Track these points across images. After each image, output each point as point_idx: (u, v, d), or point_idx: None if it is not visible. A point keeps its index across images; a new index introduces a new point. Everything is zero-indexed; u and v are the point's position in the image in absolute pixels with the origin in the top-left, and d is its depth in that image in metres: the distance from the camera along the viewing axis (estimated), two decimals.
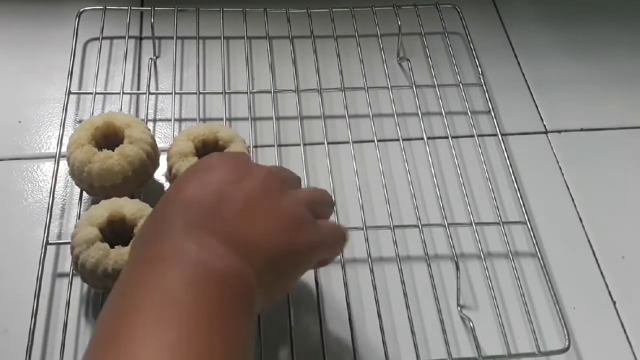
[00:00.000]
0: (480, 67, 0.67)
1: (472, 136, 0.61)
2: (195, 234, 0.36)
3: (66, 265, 0.52)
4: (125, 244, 0.47)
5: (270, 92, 0.63)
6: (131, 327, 0.31)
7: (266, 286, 0.37)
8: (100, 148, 0.51)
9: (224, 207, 0.37)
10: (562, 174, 0.61)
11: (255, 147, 0.60)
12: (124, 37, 0.65)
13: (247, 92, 0.62)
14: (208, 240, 0.36)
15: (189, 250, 0.35)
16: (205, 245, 0.35)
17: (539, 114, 0.65)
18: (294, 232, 0.39)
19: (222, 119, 0.59)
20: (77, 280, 0.50)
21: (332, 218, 0.54)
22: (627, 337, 0.51)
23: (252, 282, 0.36)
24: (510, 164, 0.59)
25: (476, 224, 0.55)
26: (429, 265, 0.52)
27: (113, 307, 0.34)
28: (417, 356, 0.48)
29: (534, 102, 0.66)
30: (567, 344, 0.49)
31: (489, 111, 0.63)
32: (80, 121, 0.61)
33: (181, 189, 0.39)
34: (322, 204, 0.43)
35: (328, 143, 0.59)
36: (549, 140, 0.63)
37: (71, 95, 0.61)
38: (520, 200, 0.57)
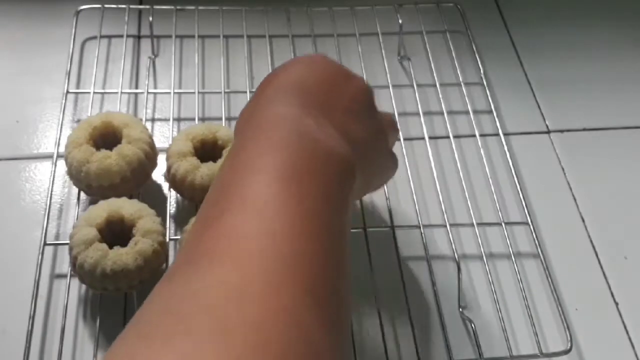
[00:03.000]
0: (482, 66, 0.66)
1: (474, 136, 0.61)
2: (312, 113, 0.36)
3: (64, 266, 0.51)
4: (123, 245, 0.46)
5: None
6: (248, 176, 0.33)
7: (361, 176, 0.39)
8: (98, 148, 0.51)
9: (334, 100, 0.39)
10: (565, 174, 0.60)
11: None
12: (122, 36, 0.64)
13: (246, 92, 0.62)
14: (323, 122, 0.36)
15: (308, 125, 0.35)
16: (322, 126, 0.36)
17: (541, 113, 0.65)
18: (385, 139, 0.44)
19: (221, 119, 0.59)
20: (75, 281, 0.49)
21: None
22: (630, 339, 0.51)
23: (356, 171, 0.37)
24: (512, 164, 0.59)
25: (478, 224, 0.55)
26: (430, 266, 0.52)
27: (229, 163, 0.35)
28: (418, 357, 0.48)
29: (536, 101, 0.66)
30: (569, 345, 0.48)
31: (491, 111, 0.63)
32: (78, 121, 0.61)
33: (283, 74, 0.39)
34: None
35: None
36: (551, 140, 0.63)
37: (69, 95, 0.61)
38: (523, 200, 0.56)
